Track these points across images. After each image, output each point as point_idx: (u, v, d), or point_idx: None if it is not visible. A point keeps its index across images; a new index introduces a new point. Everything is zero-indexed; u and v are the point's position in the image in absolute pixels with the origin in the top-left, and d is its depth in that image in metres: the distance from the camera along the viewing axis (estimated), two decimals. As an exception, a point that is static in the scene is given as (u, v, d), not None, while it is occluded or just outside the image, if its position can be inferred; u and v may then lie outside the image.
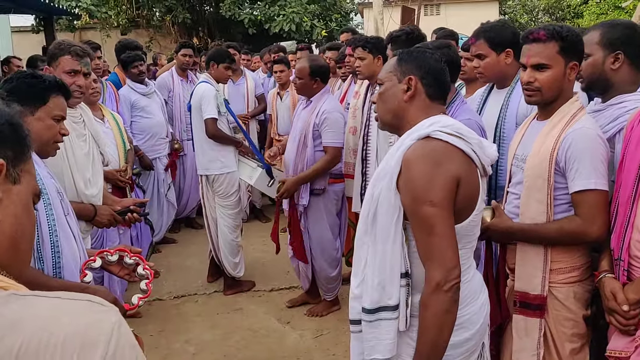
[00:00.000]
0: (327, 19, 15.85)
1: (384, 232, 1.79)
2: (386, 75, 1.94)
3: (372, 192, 1.86)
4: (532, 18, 18.35)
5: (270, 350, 4.02)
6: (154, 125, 5.58)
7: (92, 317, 0.75)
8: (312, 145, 4.13)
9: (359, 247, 1.90)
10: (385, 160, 1.87)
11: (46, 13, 8.89)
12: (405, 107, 1.89)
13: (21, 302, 0.73)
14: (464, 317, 1.83)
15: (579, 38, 2.22)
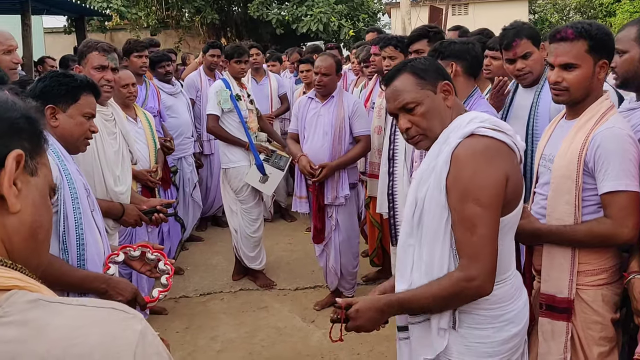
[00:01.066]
0: (355, 19, 15.83)
1: (432, 233, 1.78)
2: (417, 95, 1.87)
3: (416, 195, 1.84)
4: (563, 17, 18.03)
5: (294, 349, 4.04)
6: (180, 124, 5.64)
7: (116, 326, 0.74)
8: (348, 138, 4.26)
9: (404, 251, 1.88)
10: (427, 161, 1.85)
11: (78, 14, 9.07)
12: (449, 112, 1.89)
13: (47, 308, 0.73)
14: (512, 312, 1.84)
15: (609, 36, 2.17)
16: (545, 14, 20.04)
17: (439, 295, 1.74)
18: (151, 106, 5.06)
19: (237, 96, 4.91)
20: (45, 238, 0.87)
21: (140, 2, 15.55)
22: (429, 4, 14.12)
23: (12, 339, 0.68)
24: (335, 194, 4.29)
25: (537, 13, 21.68)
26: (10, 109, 0.81)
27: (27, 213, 0.81)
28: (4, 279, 0.74)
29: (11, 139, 0.79)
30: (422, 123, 1.87)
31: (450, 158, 1.74)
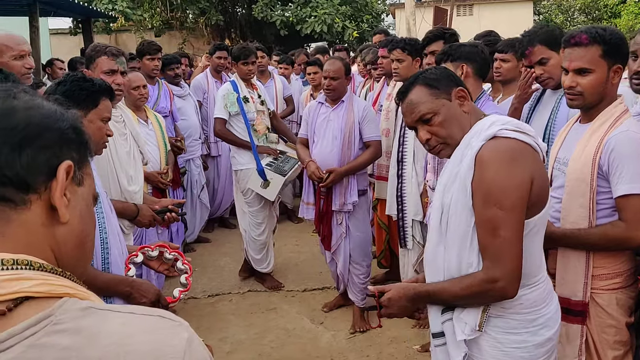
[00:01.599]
0: (359, 20, 15.85)
1: (460, 237, 1.78)
2: (432, 105, 1.88)
3: (442, 201, 1.84)
4: (568, 18, 18.02)
5: (304, 350, 4.05)
6: (188, 126, 5.67)
7: (164, 334, 0.76)
8: (358, 144, 4.16)
9: (434, 259, 1.89)
10: (450, 167, 1.85)
11: (84, 16, 9.11)
12: (467, 117, 1.89)
13: (98, 315, 0.75)
14: (545, 316, 1.84)
15: (623, 40, 2.18)
16: (550, 14, 20.01)
17: (464, 294, 1.77)
18: (163, 106, 5.08)
19: (244, 98, 4.89)
20: (90, 247, 0.89)
21: (145, 4, 15.59)
22: (434, 4, 14.13)
23: (66, 347, 0.70)
24: (343, 200, 4.20)
25: (542, 14, 21.65)
26: (60, 119, 0.82)
27: (75, 223, 0.83)
28: (56, 287, 0.75)
29: (61, 150, 0.81)
30: (441, 132, 1.88)
31: (474, 161, 1.74)
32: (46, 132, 0.79)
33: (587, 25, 9.59)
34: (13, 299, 0.71)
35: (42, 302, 0.73)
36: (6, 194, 0.76)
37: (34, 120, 0.79)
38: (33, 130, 0.78)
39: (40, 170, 0.78)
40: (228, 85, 4.98)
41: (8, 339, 0.69)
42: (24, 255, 0.75)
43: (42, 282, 0.74)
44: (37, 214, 0.78)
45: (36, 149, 0.78)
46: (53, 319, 0.71)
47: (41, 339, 0.70)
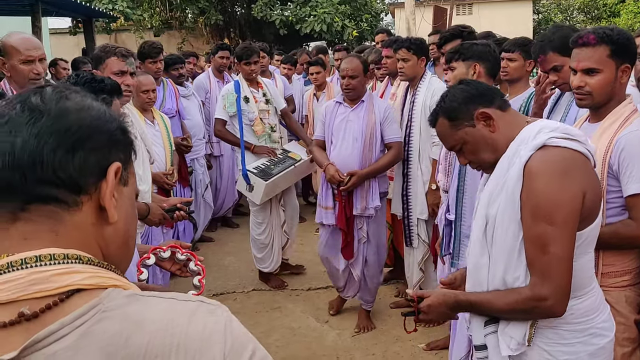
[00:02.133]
0: (358, 19, 15.87)
1: (507, 251, 1.72)
2: (456, 137, 1.86)
3: (487, 212, 1.78)
4: (567, 17, 18.06)
5: (309, 349, 4.07)
6: (192, 126, 5.68)
7: (206, 317, 0.79)
8: (380, 145, 4.03)
9: (477, 270, 1.84)
10: (496, 176, 1.79)
11: (85, 15, 9.11)
12: (496, 137, 1.82)
13: (142, 302, 0.78)
14: (598, 325, 1.79)
15: (630, 40, 2.19)
16: (549, 14, 20.03)
17: (509, 309, 1.72)
18: (169, 107, 5.10)
19: (245, 98, 4.88)
20: (133, 245, 0.92)
21: (144, 4, 15.59)
22: (433, 4, 14.14)
23: (115, 333, 0.73)
24: (364, 204, 4.04)
25: (541, 13, 21.65)
26: (109, 121, 0.84)
27: (121, 222, 0.85)
28: (105, 279, 0.78)
29: (110, 151, 0.83)
30: (473, 158, 1.88)
31: (523, 172, 1.67)
32: (97, 134, 0.81)
33: (586, 24, 9.54)
34: (64, 292, 0.74)
35: (92, 293, 0.76)
36: (59, 196, 0.78)
37: (86, 122, 0.80)
38: (85, 132, 0.79)
39: (91, 172, 0.79)
40: (230, 85, 5.01)
41: (61, 328, 0.71)
42: (74, 250, 0.77)
43: (92, 275, 0.77)
44: (87, 214, 0.80)
45: (88, 151, 0.79)
46: (101, 307, 0.74)
47: (92, 326, 0.72)
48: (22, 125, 0.76)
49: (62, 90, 0.82)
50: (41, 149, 0.75)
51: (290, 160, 4.84)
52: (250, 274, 5.38)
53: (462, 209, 2.98)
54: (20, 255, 0.74)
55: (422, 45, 4.14)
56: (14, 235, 0.77)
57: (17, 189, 0.75)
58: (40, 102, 0.79)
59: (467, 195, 2.95)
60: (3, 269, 0.73)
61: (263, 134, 4.91)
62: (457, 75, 2.99)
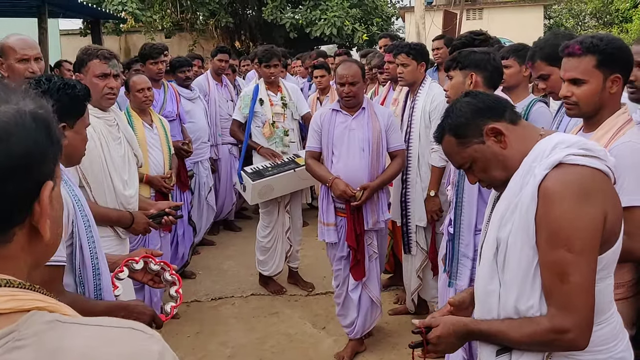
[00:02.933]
0: (368, 23, 15.85)
1: (520, 278, 1.60)
2: (464, 155, 1.76)
3: (498, 234, 1.66)
4: (579, 22, 17.88)
5: (305, 355, 4.03)
6: (197, 129, 5.68)
7: (135, 347, 0.74)
8: (385, 152, 3.83)
9: (486, 296, 1.72)
10: (508, 197, 1.67)
11: (94, 17, 9.15)
12: (507, 153, 1.70)
13: (63, 329, 0.73)
14: (619, 354, 1.67)
15: (621, 50, 2.11)
16: (560, 19, 19.86)
17: (526, 341, 1.61)
18: (170, 110, 5.08)
19: (260, 100, 4.88)
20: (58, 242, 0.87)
21: (155, 5, 15.65)
22: (444, 8, 14.10)
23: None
24: (376, 218, 3.80)
25: (552, 18, 21.48)
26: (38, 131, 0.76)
27: (52, 232, 0.81)
28: (25, 302, 0.73)
29: (40, 171, 0.76)
30: (483, 176, 1.76)
31: (538, 193, 1.55)
32: (28, 159, 0.74)
33: (598, 29, 9.43)
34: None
35: (10, 317, 0.71)
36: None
37: (15, 152, 0.72)
38: (14, 163, 0.72)
39: (23, 204, 0.75)
40: (250, 87, 5.04)
41: None
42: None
43: (10, 298, 0.72)
44: (18, 242, 0.76)
45: (19, 181, 0.73)
46: (16, 334, 0.69)
47: (3, 355, 0.68)
48: None
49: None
50: None
51: (292, 165, 4.78)
52: (250, 279, 5.36)
53: (460, 227, 2.87)
54: None
55: (422, 51, 4.10)
56: None
57: None
58: None
59: (465, 212, 2.86)
60: None
61: (273, 137, 4.89)
62: (454, 84, 2.93)
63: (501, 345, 1.69)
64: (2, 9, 8.23)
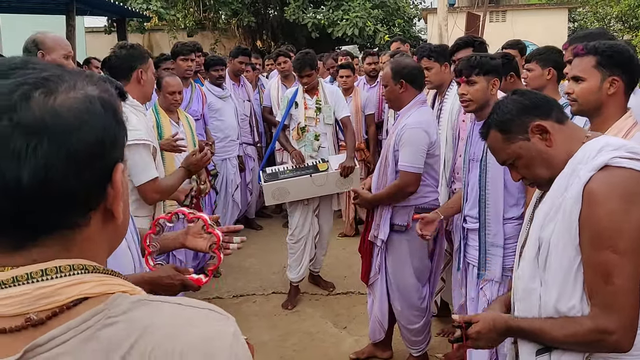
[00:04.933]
0: (390, 24, 15.81)
1: (562, 277, 1.62)
2: (509, 151, 1.78)
3: (540, 234, 1.67)
4: (604, 26, 17.63)
5: (326, 354, 4.04)
6: (226, 127, 5.76)
7: (213, 328, 0.78)
8: (392, 167, 3.49)
9: (527, 294, 1.74)
10: (552, 197, 1.67)
11: (119, 15, 9.26)
12: (552, 152, 1.72)
13: (150, 308, 0.77)
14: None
15: (622, 53, 2.22)
16: (585, 22, 19.62)
17: (568, 341, 1.62)
18: (194, 110, 5.14)
19: (296, 103, 4.87)
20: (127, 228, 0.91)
21: (178, 4, 15.76)
22: (467, 10, 14.02)
23: (120, 338, 0.72)
24: (373, 233, 3.65)
25: (576, 21, 21.23)
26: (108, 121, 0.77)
27: (124, 217, 0.84)
28: (111, 286, 0.77)
29: (112, 155, 0.78)
30: (526, 173, 1.78)
31: (582, 194, 1.57)
32: (101, 146, 0.75)
33: (623, 33, 9.29)
34: (72, 300, 0.73)
35: (98, 299, 0.75)
36: (70, 220, 0.75)
37: (90, 139, 0.73)
38: (91, 150, 0.73)
39: (98, 187, 0.77)
40: (292, 89, 5.04)
41: (64, 332, 0.71)
42: (80, 260, 0.76)
43: (98, 283, 0.76)
44: (95, 224, 0.79)
45: (94, 169, 0.74)
46: (106, 312, 0.73)
47: (96, 332, 0.72)
48: (21, 152, 0.68)
49: (52, 92, 0.72)
50: (50, 180, 0.69)
51: (310, 170, 4.68)
52: (271, 277, 5.39)
53: (487, 218, 2.92)
54: (25, 269, 0.71)
55: (444, 52, 4.10)
56: (18, 259, 0.73)
57: (27, 224, 0.72)
58: (33, 118, 0.69)
59: (490, 203, 2.91)
60: (8, 283, 0.71)
61: (302, 141, 4.85)
62: (479, 89, 2.93)
63: (541, 344, 1.69)
64: (31, 6, 8.38)
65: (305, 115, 4.83)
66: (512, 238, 2.81)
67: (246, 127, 6.49)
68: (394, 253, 3.60)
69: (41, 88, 0.71)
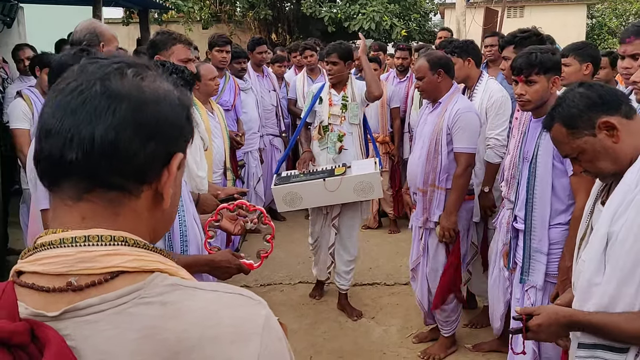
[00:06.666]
0: (407, 18, 15.80)
1: (625, 275, 1.61)
2: (573, 146, 1.78)
3: (610, 229, 1.66)
4: (623, 22, 17.54)
5: (356, 343, 4.11)
6: (248, 120, 5.79)
7: (246, 311, 0.81)
8: (446, 152, 3.60)
9: (590, 288, 1.73)
10: (622, 191, 1.67)
11: (143, 6, 9.32)
12: (619, 147, 1.72)
13: (184, 292, 0.80)
14: None
15: None
16: (603, 18, 19.52)
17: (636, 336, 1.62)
18: (225, 100, 5.20)
19: (320, 99, 4.50)
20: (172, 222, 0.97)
21: (195, -4, 15.80)
22: (485, 5, 13.96)
23: (152, 317, 0.76)
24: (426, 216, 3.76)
25: (595, 18, 21.12)
26: (180, 111, 0.87)
27: (171, 205, 0.89)
28: (148, 262, 0.81)
29: (177, 142, 0.87)
30: (589, 167, 1.78)
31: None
32: (169, 126, 0.84)
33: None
34: (109, 272, 0.78)
35: (135, 275, 0.79)
36: (125, 185, 0.82)
37: (162, 115, 0.83)
38: (160, 125, 0.82)
39: (157, 163, 0.83)
40: (318, 84, 4.75)
41: (101, 303, 0.76)
42: (121, 232, 0.81)
43: (135, 257, 0.80)
44: (145, 201, 0.85)
45: (159, 144, 0.82)
46: (142, 292, 0.78)
47: (129, 308, 0.77)
48: (102, 112, 0.78)
49: (141, 74, 0.84)
50: (118, 141, 0.78)
51: (325, 174, 4.25)
52: (297, 267, 5.46)
53: (532, 222, 2.83)
54: (72, 233, 0.79)
55: (465, 47, 4.12)
56: (75, 214, 0.81)
57: (90, 174, 0.79)
58: (121, 87, 0.80)
59: (537, 208, 2.82)
60: (55, 244, 0.78)
61: (324, 141, 4.44)
62: (539, 90, 2.84)
63: (608, 338, 1.68)
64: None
65: (329, 112, 4.43)
66: (558, 244, 2.75)
67: (272, 119, 6.53)
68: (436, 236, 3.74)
69: (133, 68, 0.83)
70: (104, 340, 0.74)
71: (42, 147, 0.81)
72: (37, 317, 0.75)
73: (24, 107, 4.35)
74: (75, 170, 0.79)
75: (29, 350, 0.72)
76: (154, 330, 0.75)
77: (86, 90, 0.79)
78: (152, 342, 0.74)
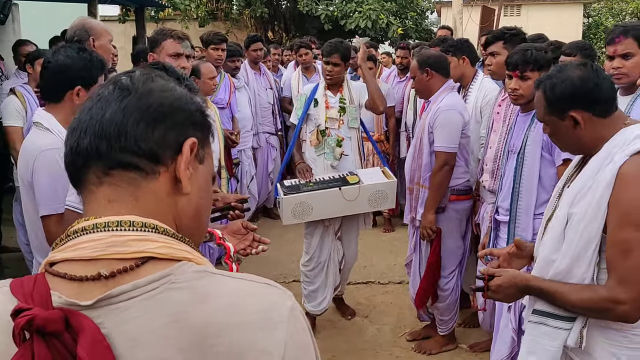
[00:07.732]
0: (403, 16, 15.78)
1: (577, 253, 1.76)
2: (543, 116, 1.92)
3: (569, 210, 1.80)
4: (619, 22, 17.59)
5: (349, 341, 4.11)
6: (242, 118, 5.78)
7: (272, 299, 0.82)
8: (427, 151, 3.66)
9: (547, 265, 1.87)
10: (585, 176, 1.80)
11: (139, 4, 9.29)
12: (581, 134, 1.84)
13: (212, 278, 0.82)
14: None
15: None
16: (599, 17, 19.56)
17: (581, 305, 1.76)
18: (220, 98, 5.20)
19: (315, 101, 4.19)
20: (206, 221, 0.97)
21: (192, -7, 15.76)
22: (481, 4, 13.97)
23: (182, 302, 0.78)
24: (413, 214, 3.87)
25: (591, 17, 21.15)
26: (189, 103, 0.91)
27: (194, 196, 0.91)
28: (176, 250, 0.84)
29: (188, 129, 0.89)
30: (554, 141, 1.98)
31: (616, 177, 1.68)
32: (176, 112, 0.88)
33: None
34: (139, 258, 0.80)
35: (164, 262, 0.81)
36: (139, 164, 0.85)
37: (167, 101, 0.88)
38: (166, 109, 0.87)
39: (169, 145, 0.87)
40: (310, 85, 4.44)
41: (133, 289, 0.78)
42: (152, 220, 0.84)
43: (164, 244, 0.83)
44: (163, 184, 0.87)
45: (167, 126, 0.86)
46: (172, 277, 0.80)
47: (160, 293, 0.78)
48: (112, 101, 0.86)
49: (149, 74, 0.92)
50: (126, 121, 0.84)
51: (339, 182, 3.95)
52: (291, 266, 5.44)
53: (517, 211, 2.95)
54: (105, 218, 0.82)
55: (459, 45, 4.14)
56: (100, 198, 0.85)
57: (103, 155, 0.84)
58: (130, 83, 0.88)
59: (523, 198, 2.92)
60: (89, 229, 0.82)
61: (321, 147, 4.15)
62: (532, 85, 2.85)
63: (554, 305, 1.83)
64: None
65: (326, 115, 4.13)
66: None
67: (268, 116, 6.53)
68: None
69: (143, 72, 0.92)
70: (135, 327, 0.77)
71: (66, 146, 0.88)
72: (70, 306, 0.77)
73: (17, 105, 4.34)
74: (91, 154, 0.85)
75: (63, 338, 0.74)
76: (183, 315, 0.77)
77: (102, 92, 0.89)
78: (181, 326, 0.76)
